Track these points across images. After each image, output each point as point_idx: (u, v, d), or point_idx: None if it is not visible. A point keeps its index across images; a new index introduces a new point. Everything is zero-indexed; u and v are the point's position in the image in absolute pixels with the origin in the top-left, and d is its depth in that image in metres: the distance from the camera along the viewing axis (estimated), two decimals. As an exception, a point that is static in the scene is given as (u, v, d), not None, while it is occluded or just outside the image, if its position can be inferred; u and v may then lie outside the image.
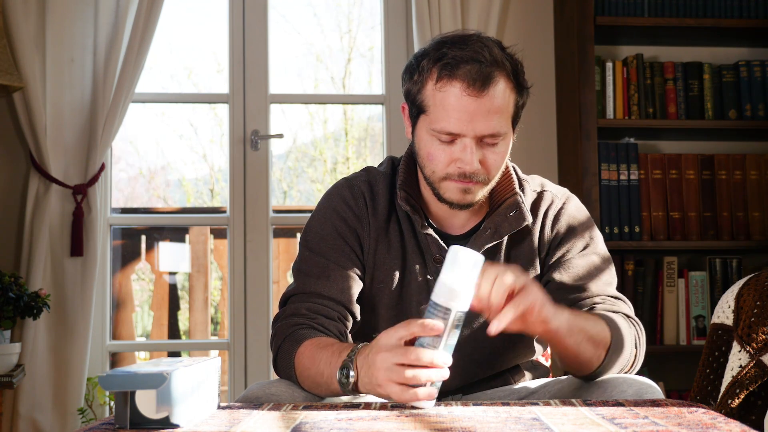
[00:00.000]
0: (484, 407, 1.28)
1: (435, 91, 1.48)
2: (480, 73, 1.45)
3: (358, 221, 1.59)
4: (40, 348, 2.81)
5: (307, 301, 1.54)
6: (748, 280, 1.98)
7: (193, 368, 1.18)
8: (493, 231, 1.56)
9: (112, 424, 1.13)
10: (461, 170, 1.48)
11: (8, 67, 2.73)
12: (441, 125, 1.47)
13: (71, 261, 2.88)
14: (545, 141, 3.16)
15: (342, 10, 5.28)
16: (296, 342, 1.47)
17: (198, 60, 5.42)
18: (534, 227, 1.60)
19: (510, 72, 1.50)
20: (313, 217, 1.63)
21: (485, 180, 1.51)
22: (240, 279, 3.07)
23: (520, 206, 1.56)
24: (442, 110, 1.47)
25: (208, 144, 6.01)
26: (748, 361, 1.88)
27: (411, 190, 1.59)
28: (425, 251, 1.58)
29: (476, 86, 1.44)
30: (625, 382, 1.41)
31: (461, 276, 1.24)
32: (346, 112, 5.97)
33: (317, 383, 1.41)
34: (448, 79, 1.46)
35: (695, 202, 2.98)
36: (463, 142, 1.47)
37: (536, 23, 3.19)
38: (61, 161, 2.89)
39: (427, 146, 1.51)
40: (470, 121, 1.45)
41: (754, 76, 3.03)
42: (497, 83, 1.47)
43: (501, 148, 1.50)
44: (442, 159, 1.49)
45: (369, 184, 1.61)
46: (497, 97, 1.46)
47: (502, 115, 1.47)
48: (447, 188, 1.51)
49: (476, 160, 1.47)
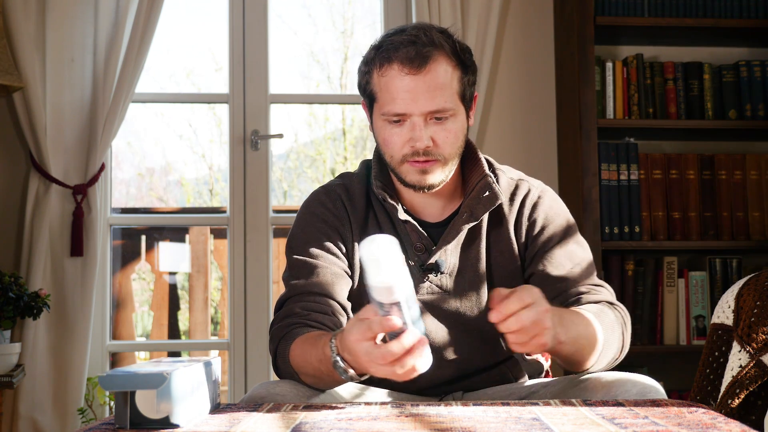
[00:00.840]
0: (484, 407, 1.28)
1: (379, 77, 1.54)
2: (417, 53, 1.51)
3: (338, 221, 1.62)
4: (40, 348, 2.81)
5: (300, 300, 1.55)
6: (748, 280, 1.98)
7: (193, 368, 1.18)
8: (468, 214, 1.59)
9: (112, 424, 1.13)
10: (414, 148, 1.52)
11: (8, 67, 2.73)
12: (388, 108, 1.53)
13: (71, 261, 2.88)
14: (545, 141, 3.16)
15: (337, 10, 5.28)
16: (290, 341, 1.48)
17: (198, 60, 5.42)
18: (510, 214, 1.64)
19: (450, 51, 1.54)
20: (295, 226, 1.66)
21: (441, 158, 1.54)
22: (240, 279, 3.07)
23: (491, 186, 1.59)
24: (387, 94, 1.53)
25: (207, 144, 6.01)
26: (748, 361, 1.88)
27: (386, 180, 1.63)
28: (405, 240, 1.61)
29: (414, 65, 1.50)
30: (629, 382, 1.42)
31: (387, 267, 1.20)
32: (344, 112, 5.96)
33: (319, 378, 1.43)
34: (387, 64, 1.52)
35: (695, 202, 2.98)
36: (412, 121, 1.52)
37: (536, 23, 3.19)
38: (61, 161, 2.89)
39: (382, 132, 1.57)
40: (413, 99, 1.51)
41: (754, 76, 3.03)
42: (435, 60, 1.52)
43: (451, 124, 1.54)
44: (396, 141, 1.54)
45: (344, 187, 1.66)
46: (437, 74, 1.51)
47: (445, 91, 1.52)
48: (406, 171, 1.55)
49: (426, 136, 1.51)
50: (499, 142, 3.13)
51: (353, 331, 1.26)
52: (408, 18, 3.14)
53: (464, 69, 1.56)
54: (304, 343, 1.44)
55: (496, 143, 3.14)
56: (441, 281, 1.61)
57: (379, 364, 1.24)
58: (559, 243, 1.62)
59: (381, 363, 1.23)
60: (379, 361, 1.23)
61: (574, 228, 1.66)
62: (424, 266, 1.60)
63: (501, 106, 3.16)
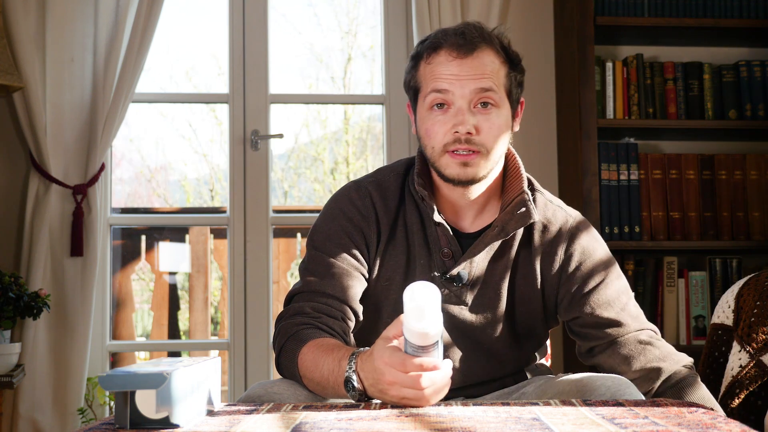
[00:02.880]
0: (484, 407, 1.28)
1: (425, 66, 1.54)
2: (465, 40, 1.51)
3: (364, 221, 1.60)
4: (40, 348, 2.81)
5: (312, 300, 1.54)
6: (748, 280, 1.98)
7: (193, 368, 1.18)
8: (500, 229, 1.56)
9: (112, 424, 1.13)
10: (457, 135, 1.50)
11: (8, 67, 2.73)
12: (432, 85, 1.52)
13: (71, 261, 2.88)
14: (545, 141, 3.16)
15: (342, 10, 5.28)
16: (300, 342, 1.47)
17: (198, 60, 5.42)
18: (543, 240, 1.60)
19: (498, 45, 1.55)
20: (320, 218, 1.65)
21: (483, 149, 1.51)
22: (240, 279, 3.07)
23: (527, 204, 1.56)
24: (432, 78, 1.52)
25: (208, 144, 6.01)
26: (748, 361, 1.88)
27: (426, 180, 1.60)
28: (432, 245, 1.58)
29: (461, 51, 1.50)
30: (603, 385, 1.42)
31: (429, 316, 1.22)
32: (346, 112, 5.96)
33: (323, 387, 1.42)
34: (434, 52, 1.53)
35: (695, 202, 2.98)
36: (456, 106, 1.51)
37: (536, 23, 3.19)
38: (61, 161, 2.89)
39: (425, 123, 1.55)
40: (458, 81, 1.50)
41: (754, 76, 3.03)
42: (483, 50, 1.52)
43: (495, 116, 1.52)
44: (439, 130, 1.52)
45: (377, 183, 1.63)
46: (484, 61, 1.51)
47: (491, 79, 1.51)
48: (447, 164, 1.53)
49: (470, 121, 1.50)
50: (499, 142, 3.13)
51: (385, 354, 1.27)
52: (408, 18, 3.14)
53: (512, 66, 1.56)
54: (317, 348, 1.43)
55: (496, 143, 3.14)
56: (460, 293, 1.59)
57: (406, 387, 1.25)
58: (603, 281, 1.59)
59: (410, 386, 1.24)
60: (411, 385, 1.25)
61: (614, 262, 1.63)
62: (446, 275, 1.58)
63: (501, 106, 3.16)
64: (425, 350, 1.24)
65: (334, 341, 1.46)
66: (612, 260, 1.63)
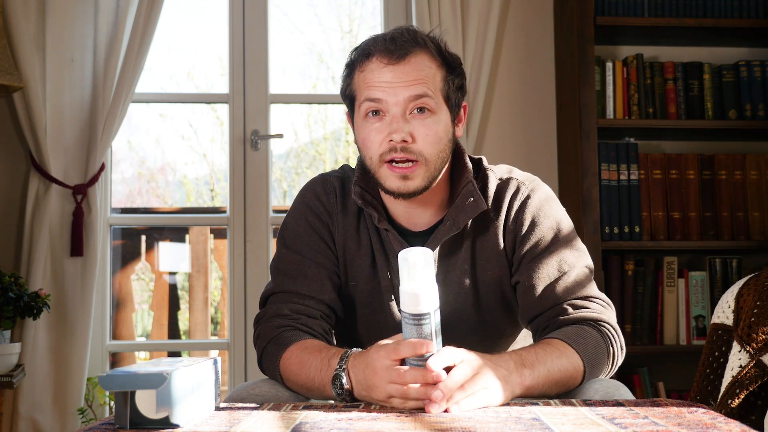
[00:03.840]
0: (484, 407, 1.28)
1: (359, 74, 1.50)
2: (396, 46, 1.46)
3: (329, 216, 1.58)
4: (40, 348, 2.81)
5: (289, 301, 1.53)
6: (748, 280, 1.98)
7: (193, 368, 1.18)
8: (452, 223, 1.52)
9: (112, 424, 1.13)
10: (392, 143, 1.45)
11: (8, 67, 2.73)
12: (365, 94, 1.47)
13: (71, 261, 2.88)
14: (545, 141, 3.16)
15: (343, 10, 5.27)
16: (281, 346, 1.46)
17: (198, 60, 5.42)
18: (498, 216, 1.55)
19: (434, 50, 1.49)
20: (289, 214, 1.62)
21: (421, 158, 1.46)
22: (240, 279, 3.07)
23: (473, 193, 1.51)
24: (365, 86, 1.48)
25: (208, 144, 6.01)
26: (748, 361, 1.88)
27: (369, 188, 1.56)
28: (387, 248, 1.56)
29: (393, 56, 1.46)
30: (592, 388, 1.41)
31: (419, 278, 1.23)
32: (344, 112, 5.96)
33: (308, 387, 1.41)
34: (366, 59, 1.48)
35: (695, 202, 2.98)
36: (390, 114, 1.46)
37: (536, 23, 3.19)
38: (61, 161, 2.89)
39: (361, 132, 1.51)
40: (391, 88, 1.45)
41: (754, 76, 3.03)
42: (416, 54, 1.47)
43: (432, 122, 1.47)
44: (375, 138, 1.47)
45: (341, 181, 1.61)
46: (418, 67, 1.46)
47: (425, 85, 1.46)
48: (386, 176, 1.48)
49: (404, 129, 1.45)
50: (499, 142, 3.13)
51: (380, 349, 1.28)
52: (408, 18, 3.14)
53: (449, 69, 1.50)
54: (302, 350, 1.43)
55: (496, 143, 3.14)
56: None
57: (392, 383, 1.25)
58: (548, 248, 1.52)
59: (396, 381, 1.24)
60: (396, 380, 1.24)
61: (566, 229, 1.55)
62: None
63: (501, 106, 3.16)
64: (420, 321, 1.23)
65: (320, 342, 1.45)
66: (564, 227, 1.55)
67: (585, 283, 1.52)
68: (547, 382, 1.36)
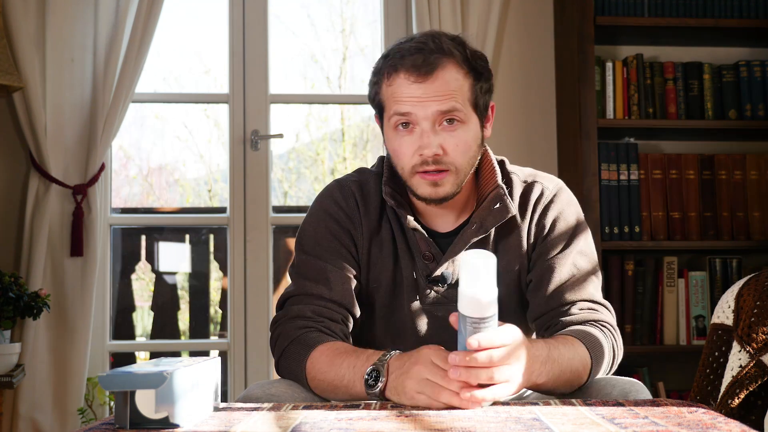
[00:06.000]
0: (483, 407, 1.28)
1: (387, 87, 1.52)
2: (424, 60, 1.47)
3: (350, 221, 1.60)
4: (40, 348, 2.81)
5: (311, 303, 1.54)
6: (748, 280, 1.98)
7: (193, 368, 1.18)
8: (478, 226, 1.56)
9: (112, 424, 1.13)
10: (423, 156, 1.48)
11: (8, 67, 2.73)
12: (395, 108, 1.49)
13: (71, 261, 2.88)
14: (545, 141, 3.16)
15: (335, 10, 5.28)
16: (307, 346, 1.46)
17: (197, 60, 5.42)
18: (523, 220, 1.59)
19: (460, 58, 1.51)
20: (306, 221, 1.64)
21: (452, 168, 1.50)
22: (240, 279, 3.07)
23: (503, 198, 1.56)
24: (393, 100, 1.50)
25: (207, 144, 6.00)
26: (748, 361, 1.88)
27: (397, 187, 1.59)
28: (413, 248, 1.58)
29: (420, 72, 1.47)
30: (609, 384, 1.42)
31: (482, 282, 1.23)
32: (343, 112, 5.96)
33: (335, 386, 1.41)
34: (394, 73, 1.50)
35: (695, 202, 2.98)
36: (420, 127, 1.49)
37: (536, 23, 3.19)
38: (61, 161, 2.89)
39: (392, 143, 1.54)
40: (420, 103, 1.47)
41: (754, 76, 3.03)
42: (444, 68, 1.48)
43: (461, 133, 1.50)
44: (406, 151, 1.51)
45: (359, 184, 1.63)
46: (446, 81, 1.48)
47: (454, 98, 1.48)
48: (418, 184, 1.52)
49: (435, 143, 1.48)
50: (499, 142, 3.13)
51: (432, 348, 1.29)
52: (408, 18, 3.14)
53: (476, 76, 1.53)
54: (334, 351, 1.43)
55: (496, 143, 3.13)
56: (448, 293, 1.58)
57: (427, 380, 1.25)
58: (563, 251, 1.56)
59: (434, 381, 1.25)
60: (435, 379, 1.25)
61: (581, 236, 1.59)
62: (430, 277, 1.58)
63: (501, 106, 3.16)
64: (480, 324, 1.23)
65: (352, 346, 1.46)
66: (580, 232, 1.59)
67: (592, 288, 1.57)
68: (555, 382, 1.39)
